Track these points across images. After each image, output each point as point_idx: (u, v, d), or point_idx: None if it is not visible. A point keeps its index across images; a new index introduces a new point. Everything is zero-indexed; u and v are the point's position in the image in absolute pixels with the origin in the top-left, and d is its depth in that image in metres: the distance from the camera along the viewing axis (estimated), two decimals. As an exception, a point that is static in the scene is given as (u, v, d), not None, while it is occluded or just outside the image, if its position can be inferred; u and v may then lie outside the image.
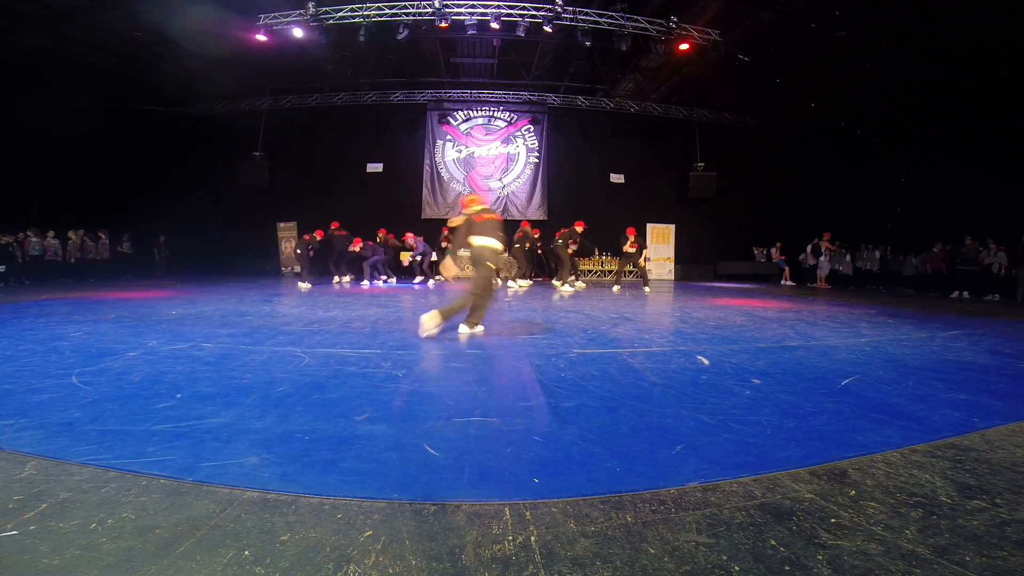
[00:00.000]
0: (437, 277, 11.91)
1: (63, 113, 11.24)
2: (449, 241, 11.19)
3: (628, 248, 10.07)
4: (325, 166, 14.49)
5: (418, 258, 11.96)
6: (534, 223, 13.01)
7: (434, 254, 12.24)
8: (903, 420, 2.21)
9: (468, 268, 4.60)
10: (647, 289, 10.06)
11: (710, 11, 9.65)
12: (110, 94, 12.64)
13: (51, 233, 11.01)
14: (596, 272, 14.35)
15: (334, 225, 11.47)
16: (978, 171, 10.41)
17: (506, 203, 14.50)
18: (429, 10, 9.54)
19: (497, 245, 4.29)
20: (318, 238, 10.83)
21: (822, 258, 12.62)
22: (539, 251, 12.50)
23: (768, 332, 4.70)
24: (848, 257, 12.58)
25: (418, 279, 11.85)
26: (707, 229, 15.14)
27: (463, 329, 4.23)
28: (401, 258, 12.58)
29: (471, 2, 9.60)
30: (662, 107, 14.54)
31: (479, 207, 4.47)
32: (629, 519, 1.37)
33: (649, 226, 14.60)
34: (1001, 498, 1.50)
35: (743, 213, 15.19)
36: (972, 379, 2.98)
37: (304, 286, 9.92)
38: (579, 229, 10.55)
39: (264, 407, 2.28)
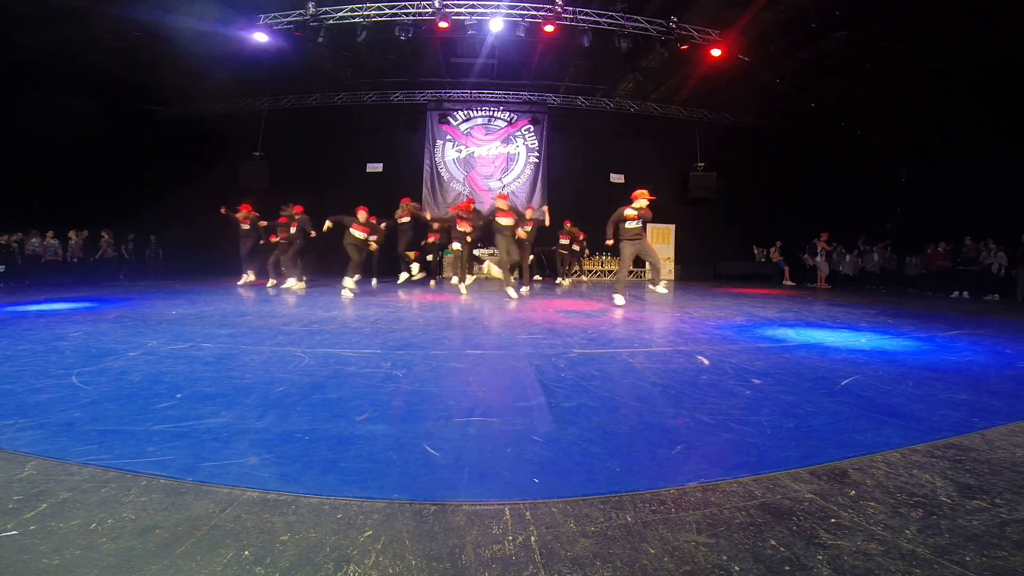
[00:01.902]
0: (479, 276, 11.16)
1: (63, 113, 11.24)
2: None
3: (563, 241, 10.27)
4: (325, 166, 14.48)
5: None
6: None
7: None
8: (903, 420, 2.21)
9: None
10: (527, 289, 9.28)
11: (710, 11, 9.66)
12: (110, 94, 12.64)
13: (51, 233, 11.01)
14: (596, 272, 14.35)
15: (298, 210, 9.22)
16: (978, 171, 10.40)
17: (506, 203, 14.50)
18: (429, 10, 9.54)
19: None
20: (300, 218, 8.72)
21: (819, 258, 12.63)
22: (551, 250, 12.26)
23: (768, 332, 4.70)
24: (848, 257, 12.58)
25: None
26: (707, 229, 15.14)
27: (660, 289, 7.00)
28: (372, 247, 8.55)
29: (471, 2, 9.61)
30: (662, 107, 14.54)
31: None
32: (629, 519, 1.36)
33: (649, 226, 14.61)
34: (1001, 498, 1.49)
35: (743, 213, 15.19)
36: (972, 379, 2.98)
37: (300, 285, 9.08)
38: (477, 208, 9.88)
39: (264, 407, 2.28)
